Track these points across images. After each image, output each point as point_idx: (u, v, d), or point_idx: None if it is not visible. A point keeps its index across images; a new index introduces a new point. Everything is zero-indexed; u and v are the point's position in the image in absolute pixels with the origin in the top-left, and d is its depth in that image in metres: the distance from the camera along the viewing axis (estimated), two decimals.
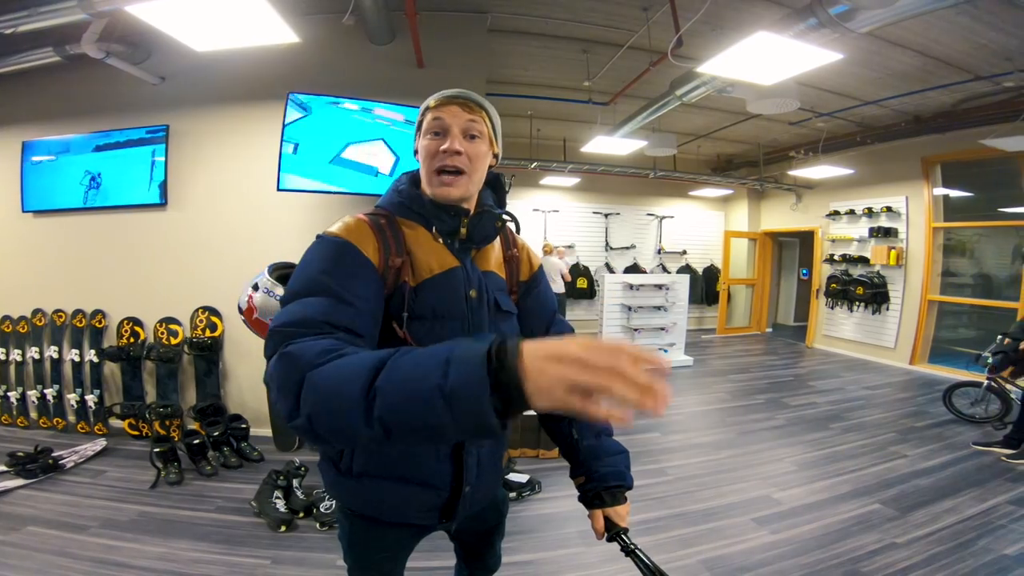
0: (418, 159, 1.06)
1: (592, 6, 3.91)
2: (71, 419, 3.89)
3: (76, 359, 3.84)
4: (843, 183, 7.50)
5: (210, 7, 2.32)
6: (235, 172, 3.77)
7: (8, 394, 3.90)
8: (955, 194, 6.61)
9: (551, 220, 8.77)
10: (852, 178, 7.21)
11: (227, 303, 3.64)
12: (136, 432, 3.75)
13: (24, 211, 3.95)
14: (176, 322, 3.82)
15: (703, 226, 9.79)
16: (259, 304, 1.27)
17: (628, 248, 9.24)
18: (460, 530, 1.31)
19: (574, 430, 1.16)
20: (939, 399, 4.78)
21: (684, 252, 9.57)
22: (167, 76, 3.80)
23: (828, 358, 7.46)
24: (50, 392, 3.84)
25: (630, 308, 6.50)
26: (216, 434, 3.40)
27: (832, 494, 3.14)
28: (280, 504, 2.71)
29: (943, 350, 6.63)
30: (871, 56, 4.39)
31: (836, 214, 7.79)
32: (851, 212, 7.54)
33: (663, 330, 6.65)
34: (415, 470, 1.04)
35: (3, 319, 3.99)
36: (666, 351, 6.68)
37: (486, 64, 4.08)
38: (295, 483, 2.90)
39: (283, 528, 2.60)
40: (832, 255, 7.80)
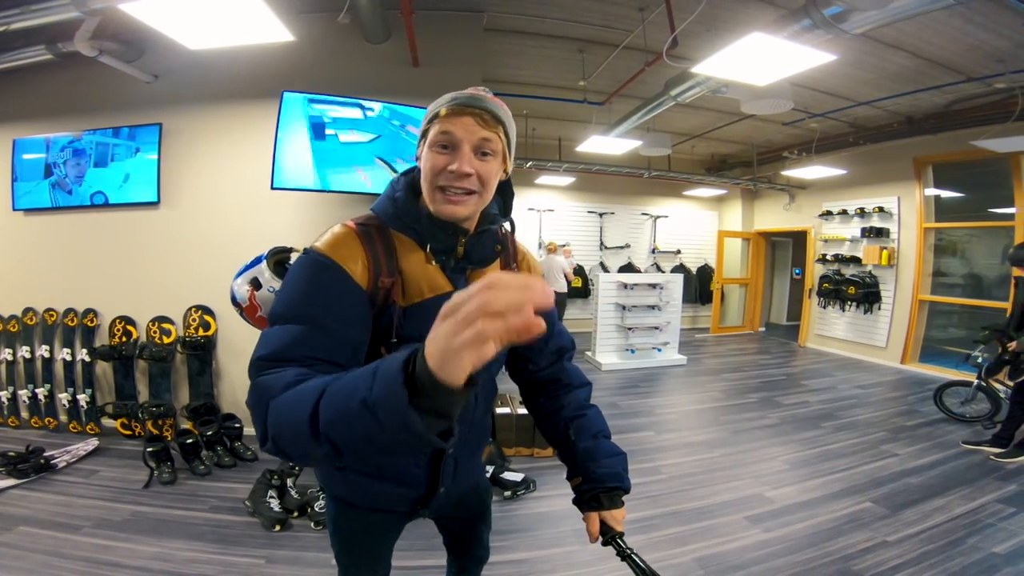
0: (419, 165, 0.98)
1: (588, 6, 3.92)
2: (63, 419, 3.86)
3: (68, 358, 3.81)
4: (836, 183, 7.56)
5: (204, 5, 2.30)
6: (229, 170, 3.75)
7: None
8: (946, 195, 6.67)
9: (546, 219, 8.78)
10: (845, 178, 7.26)
11: (221, 302, 3.62)
12: (129, 432, 3.73)
13: (14, 209, 3.91)
14: (169, 321, 3.79)
15: (697, 226, 9.84)
16: (263, 302, 1.27)
17: (623, 247, 9.27)
18: (442, 516, 1.32)
19: (571, 431, 1.14)
20: (930, 398, 4.83)
21: (678, 252, 9.61)
22: (160, 74, 3.77)
23: (820, 357, 7.52)
24: (41, 392, 3.81)
25: (624, 307, 6.51)
26: (209, 433, 3.39)
27: (824, 492, 3.17)
28: (274, 503, 2.71)
29: (934, 349, 6.69)
30: (864, 57, 4.42)
31: (829, 214, 7.84)
32: (843, 212, 7.60)
33: (657, 329, 6.67)
34: (393, 469, 1.07)
35: None
36: (660, 350, 6.71)
37: (482, 63, 4.07)
38: (289, 482, 2.89)
39: (277, 527, 2.59)
40: (824, 255, 7.85)
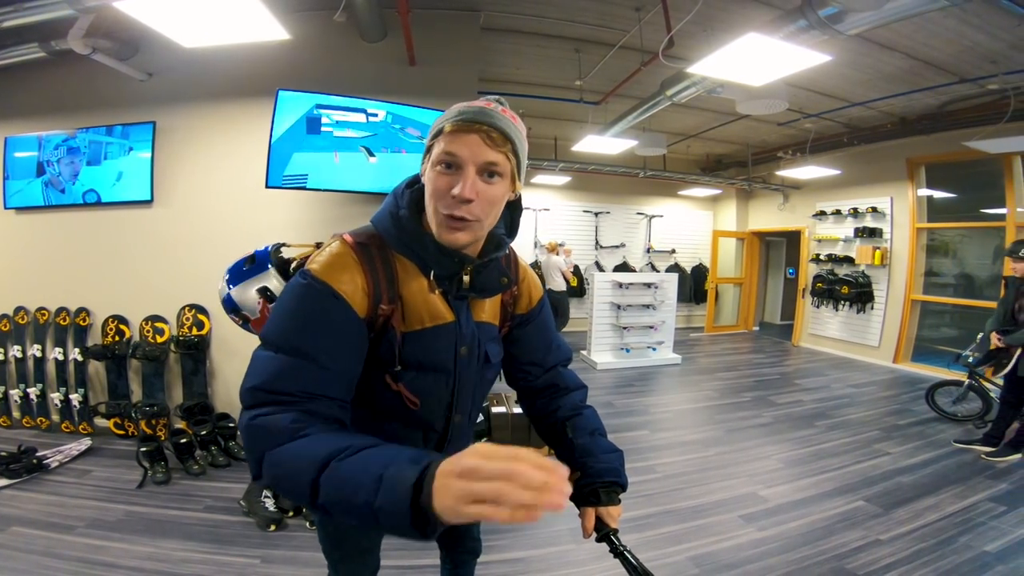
0: (423, 182, 0.93)
1: (585, 5, 3.91)
2: (55, 418, 3.83)
3: (60, 358, 3.79)
4: (830, 184, 7.60)
5: (199, 3, 2.28)
6: (223, 169, 3.73)
7: None
8: (939, 195, 6.72)
9: (542, 219, 8.78)
10: (838, 179, 7.30)
11: (214, 301, 3.58)
12: (122, 431, 3.71)
13: (6, 208, 3.87)
14: (162, 320, 3.77)
15: (692, 225, 9.86)
16: None
17: (618, 247, 9.28)
18: None
19: (568, 429, 1.14)
20: (922, 397, 4.88)
21: (673, 251, 9.63)
22: (154, 72, 3.74)
23: (814, 356, 7.56)
24: (33, 391, 3.77)
25: (619, 306, 6.53)
26: (204, 433, 3.37)
27: (817, 491, 3.19)
28: (269, 503, 2.70)
29: (926, 349, 6.74)
30: (859, 58, 4.44)
31: (822, 214, 7.88)
32: (837, 212, 7.64)
33: (652, 328, 6.70)
34: None
35: None
36: (654, 349, 6.73)
37: (478, 62, 4.06)
38: None
39: (272, 527, 2.59)
40: (818, 255, 7.89)
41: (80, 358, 3.76)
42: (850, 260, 7.42)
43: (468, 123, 0.85)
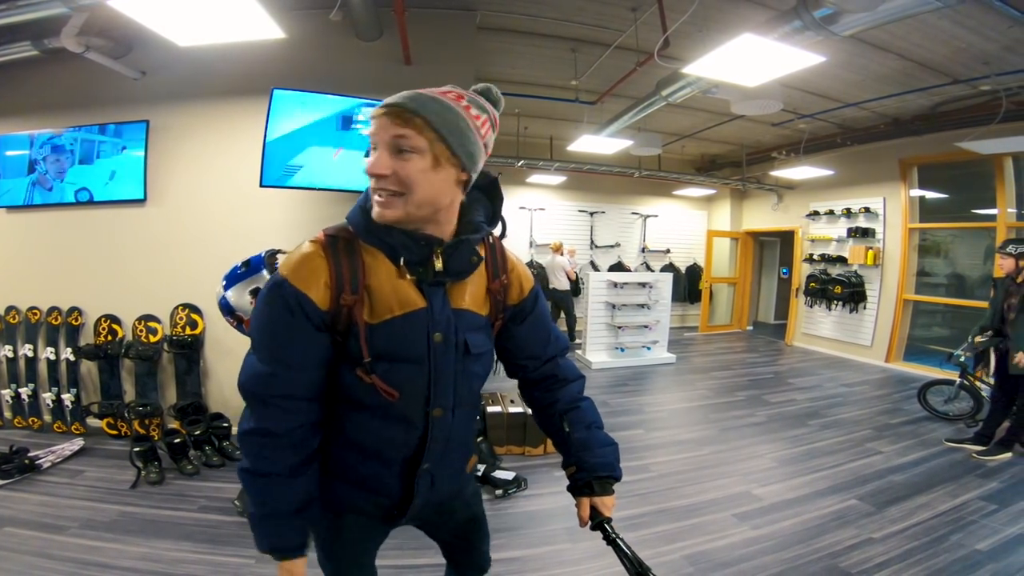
0: None
1: (581, 5, 3.92)
2: (47, 419, 3.80)
3: (52, 357, 3.76)
4: (823, 184, 7.64)
5: (194, 1, 2.28)
6: (217, 168, 3.71)
7: None
8: (931, 195, 6.77)
9: (537, 218, 8.78)
10: (832, 179, 7.34)
11: (208, 300, 3.57)
12: (115, 432, 3.69)
13: None
14: (156, 319, 3.75)
15: (686, 225, 9.89)
16: None
17: (613, 246, 9.30)
18: (426, 524, 1.29)
19: (565, 423, 1.17)
20: (914, 396, 4.91)
21: (668, 251, 9.66)
22: (148, 71, 3.72)
23: (807, 356, 7.60)
24: (25, 391, 3.75)
25: (614, 306, 6.54)
26: (197, 433, 3.35)
27: (811, 490, 3.21)
28: None
29: (918, 348, 6.79)
30: (853, 59, 4.46)
31: (816, 214, 7.93)
32: (830, 212, 7.68)
33: (647, 328, 6.71)
34: (368, 479, 1.07)
35: None
36: (649, 348, 6.75)
37: (474, 62, 4.06)
38: None
39: None
40: (811, 255, 7.94)
41: (72, 358, 3.73)
42: (843, 260, 7.46)
43: (382, 107, 0.88)
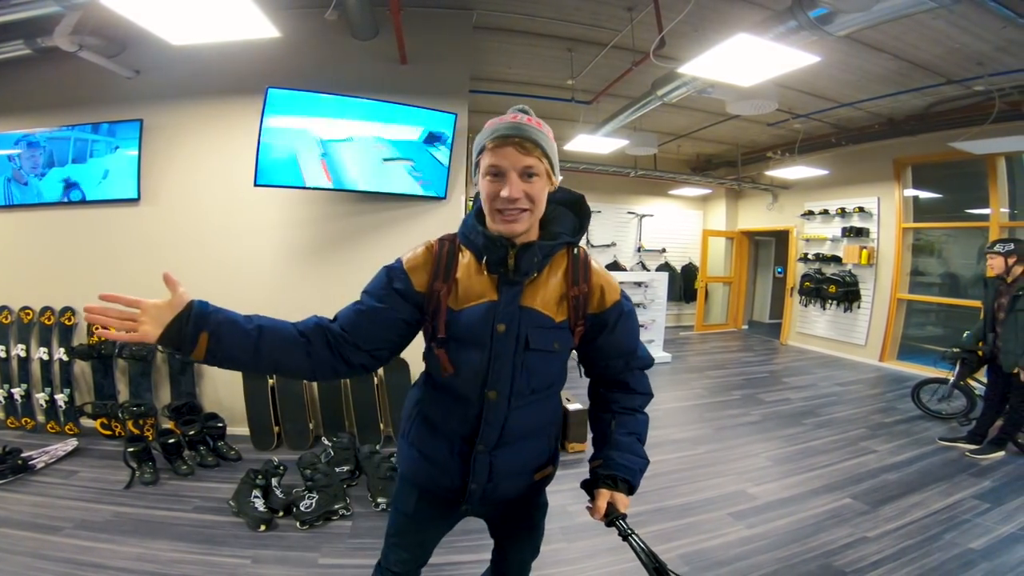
0: (479, 190, 1.14)
1: (577, 5, 3.91)
2: (40, 419, 3.78)
3: (45, 357, 3.74)
4: (818, 184, 7.66)
5: (188, 0, 2.26)
6: (211, 167, 3.69)
7: None
8: (924, 195, 6.80)
9: None
10: (826, 179, 7.37)
11: (203, 299, 3.57)
12: (109, 432, 3.66)
13: None
14: None
15: (682, 225, 9.91)
16: None
17: (608, 246, 9.30)
18: (489, 519, 1.45)
19: (614, 422, 1.27)
20: (907, 395, 4.94)
21: (663, 250, 9.67)
22: (142, 70, 3.69)
23: (802, 355, 7.64)
24: (18, 391, 3.72)
25: None
26: (192, 433, 3.34)
27: (805, 489, 3.22)
28: (259, 503, 2.68)
29: (911, 347, 6.83)
30: (848, 59, 4.47)
31: (810, 214, 7.96)
32: (825, 212, 7.71)
33: (642, 327, 6.71)
34: (438, 455, 1.24)
35: None
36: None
37: (470, 61, 4.05)
38: (274, 482, 2.87)
39: (263, 527, 2.57)
40: (806, 254, 7.97)
41: (65, 358, 3.71)
42: (837, 259, 7.49)
43: (503, 138, 1.05)
